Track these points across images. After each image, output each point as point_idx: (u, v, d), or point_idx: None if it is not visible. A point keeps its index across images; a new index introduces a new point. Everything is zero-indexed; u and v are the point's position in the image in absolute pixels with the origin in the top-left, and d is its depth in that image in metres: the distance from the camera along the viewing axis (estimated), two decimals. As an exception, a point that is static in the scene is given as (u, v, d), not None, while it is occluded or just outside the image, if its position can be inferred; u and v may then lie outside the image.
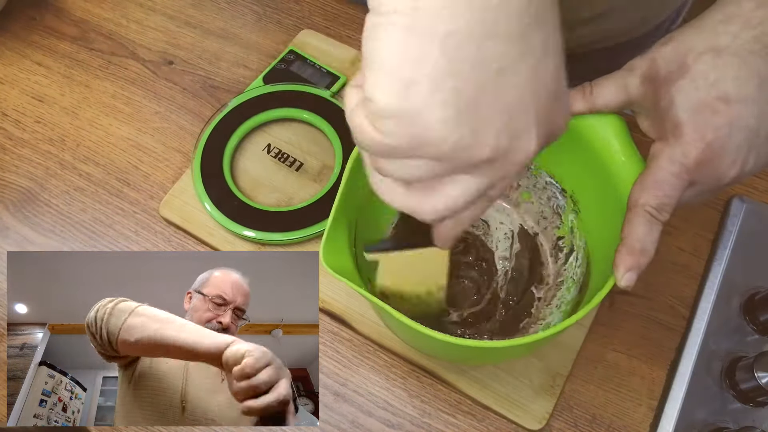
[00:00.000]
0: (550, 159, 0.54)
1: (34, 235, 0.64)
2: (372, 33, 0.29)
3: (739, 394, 0.55)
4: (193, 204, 0.64)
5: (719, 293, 0.59)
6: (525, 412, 0.55)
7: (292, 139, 0.68)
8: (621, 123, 0.46)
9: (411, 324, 0.42)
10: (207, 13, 0.77)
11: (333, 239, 0.45)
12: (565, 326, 0.42)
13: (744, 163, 0.41)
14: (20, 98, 0.71)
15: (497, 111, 0.29)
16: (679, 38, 0.43)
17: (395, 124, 0.29)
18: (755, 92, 0.40)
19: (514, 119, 0.30)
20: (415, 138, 0.29)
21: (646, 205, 0.41)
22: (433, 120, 0.29)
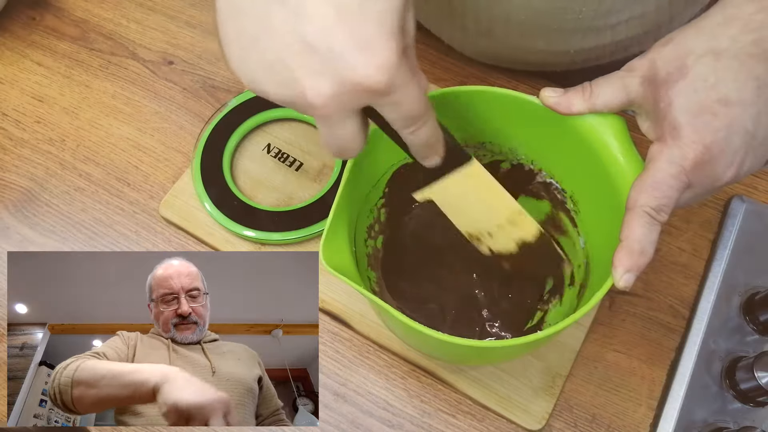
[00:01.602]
0: (550, 159, 0.54)
1: (35, 235, 0.64)
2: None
3: (739, 394, 0.55)
4: (193, 204, 0.64)
5: (719, 293, 0.59)
6: (524, 412, 0.55)
7: (292, 138, 0.68)
8: (621, 123, 0.46)
9: (410, 323, 0.42)
10: (207, 13, 0.77)
11: (333, 238, 0.45)
12: (563, 326, 0.42)
13: (740, 166, 0.41)
14: (20, 98, 0.71)
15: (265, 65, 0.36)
16: (678, 40, 0.43)
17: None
18: (753, 95, 0.40)
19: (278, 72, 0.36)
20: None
21: (645, 206, 0.41)
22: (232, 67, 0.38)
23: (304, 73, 0.35)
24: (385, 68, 0.35)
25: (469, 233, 0.51)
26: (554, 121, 0.48)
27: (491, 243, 0.52)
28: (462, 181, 0.47)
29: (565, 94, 0.46)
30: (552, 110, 0.47)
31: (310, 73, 0.35)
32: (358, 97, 0.36)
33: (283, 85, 0.36)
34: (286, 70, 0.35)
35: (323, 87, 0.35)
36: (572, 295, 0.54)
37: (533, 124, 0.50)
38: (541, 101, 0.47)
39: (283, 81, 0.36)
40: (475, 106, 0.51)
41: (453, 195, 0.48)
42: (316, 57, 0.35)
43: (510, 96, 0.49)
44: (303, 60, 0.35)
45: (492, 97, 0.50)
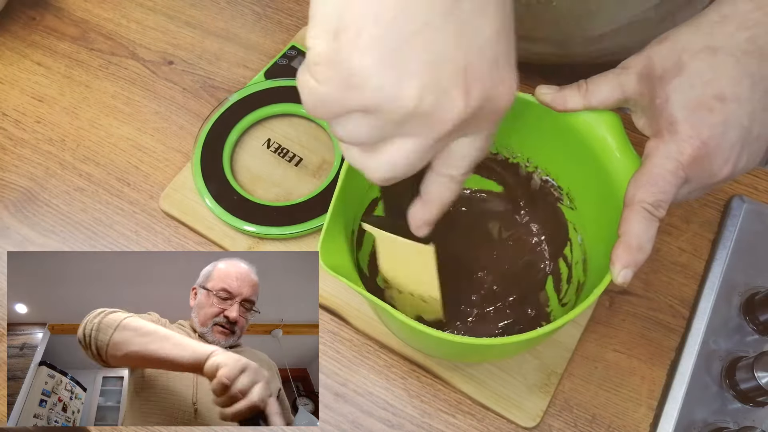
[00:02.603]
0: (546, 156, 0.54)
1: (35, 235, 0.64)
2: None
3: (739, 394, 0.55)
4: (193, 198, 0.64)
5: (719, 293, 0.59)
6: (519, 409, 0.55)
7: (292, 134, 0.68)
8: (617, 120, 0.46)
9: (406, 320, 0.42)
10: (207, 13, 0.77)
11: (331, 237, 0.45)
12: (561, 323, 0.42)
13: (737, 161, 0.42)
14: (20, 98, 0.71)
15: (421, 63, 0.30)
16: (674, 37, 0.43)
17: (326, 69, 0.31)
18: (749, 92, 0.41)
19: (440, 74, 0.31)
20: (343, 81, 0.31)
21: (642, 201, 0.41)
22: (357, 64, 0.30)
23: (464, 79, 0.31)
24: (514, 93, 0.34)
25: (385, 279, 0.50)
26: (550, 119, 0.48)
27: (395, 299, 0.52)
28: (410, 248, 0.45)
29: (561, 92, 0.47)
30: (548, 107, 0.47)
31: (471, 79, 0.32)
32: (481, 118, 0.34)
33: (432, 89, 0.31)
34: (452, 70, 0.31)
35: (473, 97, 0.32)
36: (570, 292, 0.54)
37: (529, 121, 0.51)
38: (537, 98, 0.47)
39: (437, 83, 0.31)
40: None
41: (394, 250, 0.47)
42: (483, 64, 0.32)
43: None
44: (473, 64, 0.31)
45: None
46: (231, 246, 0.62)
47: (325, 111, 0.33)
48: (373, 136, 0.33)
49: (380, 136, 0.33)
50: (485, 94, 0.32)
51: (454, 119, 0.32)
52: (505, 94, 0.33)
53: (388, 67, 0.30)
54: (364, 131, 0.33)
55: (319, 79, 0.31)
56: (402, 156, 0.34)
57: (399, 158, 0.34)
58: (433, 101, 0.31)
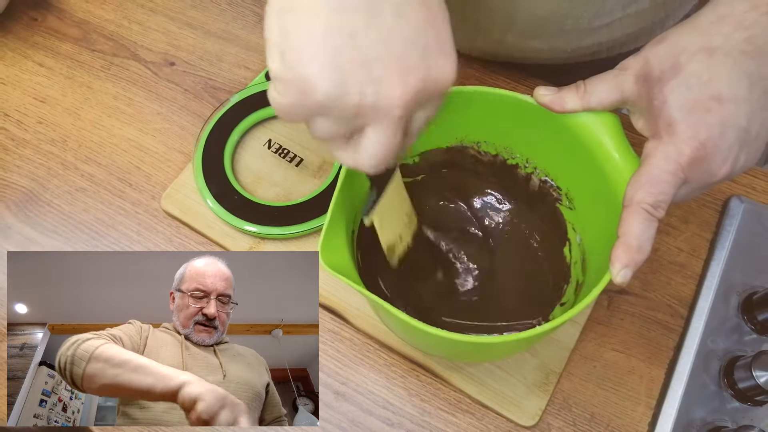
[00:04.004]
0: (545, 157, 0.55)
1: (36, 236, 0.64)
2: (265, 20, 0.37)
3: (737, 393, 0.55)
4: (194, 198, 0.64)
5: (717, 293, 0.59)
6: (519, 408, 0.55)
7: (293, 134, 0.68)
8: (615, 121, 0.47)
9: (406, 319, 0.42)
10: (208, 14, 0.77)
11: (331, 237, 0.45)
12: (560, 322, 0.42)
13: (735, 161, 0.42)
14: (22, 99, 0.72)
15: (355, 64, 0.35)
16: (671, 38, 0.43)
17: (282, 84, 0.36)
18: (746, 92, 0.41)
19: (374, 69, 0.36)
20: (297, 91, 0.36)
21: (642, 202, 0.41)
22: (304, 76, 0.36)
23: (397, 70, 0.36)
24: (455, 71, 0.38)
25: (388, 246, 0.51)
26: (549, 120, 0.48)
27: (400, 248, 0.52)
28: (392, 191, 0.48)
29: (559, 93, 0.47)
30: (546, 108, 0.47)
31: (404, 69, 0.36)
32: (429, 96, 0.38)
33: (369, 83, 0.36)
34: (381, 65, 0.36)
35: (411, 83, 0.36)
36: (569, 292, 0.55)
37: (528, 123, 0.51)
38: (535, 99, 0.48)
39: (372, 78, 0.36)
40: (471, 107, 0.51)
41: (386, 209, 0.48)
42: (413, 54, 0.36)
43: (504, 96, 0.49)
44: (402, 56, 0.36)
45: (487, 98, 0.50)
46: (232, 246, 0.62)
47: (292, 117, 0.38)
48: (340, 130, 0.38)
49: (347, 129, 0.38)
50: (421, 77, 0.37)
51: (399, 103, 0.36)
52: (442, 75, 0.38)
53: (330, 72, 0.35)
54: (332, 128, 0.38)
55: (280, 92, 0.37)
56: (377, 142, 0.38)
57: (376, 144, 0.38)
58: (374, 92, 0.36)
